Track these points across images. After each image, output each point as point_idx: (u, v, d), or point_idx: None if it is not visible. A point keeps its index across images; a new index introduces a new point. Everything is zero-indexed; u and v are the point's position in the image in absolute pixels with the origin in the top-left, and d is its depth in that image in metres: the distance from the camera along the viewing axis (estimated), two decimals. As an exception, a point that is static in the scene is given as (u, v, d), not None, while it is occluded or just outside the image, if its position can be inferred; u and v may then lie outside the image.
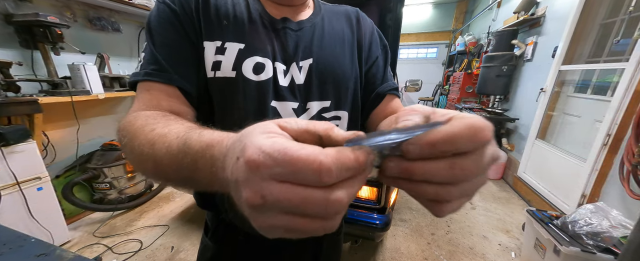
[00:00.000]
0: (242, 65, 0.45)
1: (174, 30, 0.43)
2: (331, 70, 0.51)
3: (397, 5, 1.38)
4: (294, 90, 0.49)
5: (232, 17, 0.46)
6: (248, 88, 0.45)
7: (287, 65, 0.49)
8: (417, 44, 6.31)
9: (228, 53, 0.44)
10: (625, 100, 1.68)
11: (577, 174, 2.01)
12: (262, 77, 0.46)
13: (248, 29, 0.46)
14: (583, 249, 1.23)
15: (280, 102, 0.48)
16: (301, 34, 0.50)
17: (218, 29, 0.45)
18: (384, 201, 1.30)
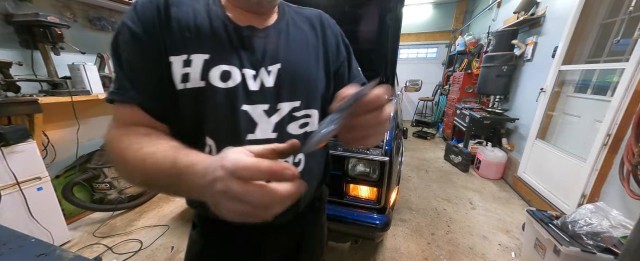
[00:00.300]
0: (209, 75, 0.47)
1: (134, 50, 0.45)
2: (299, 73, 0.55)
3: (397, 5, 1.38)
4: (265, 93, 0.51)
5: (194, 29, 0.47)
6: (218, 96, 0.48)
7: (256, 70, 0.51)
8: (417, 44, 6.31)
9: (194, 64, 0.46)
10: (625, 100, 1.68)
11: (577, 174, 2.01)
12: (229, 84, 0.48)
13: (211, 39, 0.48)
14: (583, 249, 1.23)
15: (251, 105, 0.50)
16: (268, 40, 0.53)
17: (181, 42, 0.46)
18: (384, 201, 1.30)
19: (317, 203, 0.71)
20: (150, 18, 0.45)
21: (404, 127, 2.16)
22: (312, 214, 0.70)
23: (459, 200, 2.58)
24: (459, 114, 3.90)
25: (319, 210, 0.74)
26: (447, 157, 3.68)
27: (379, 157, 1.24)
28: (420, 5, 5.86)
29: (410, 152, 4.16)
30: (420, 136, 5.12)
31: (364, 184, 1.32)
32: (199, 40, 0.47)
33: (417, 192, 2.72)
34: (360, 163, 1.30)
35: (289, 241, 0.67)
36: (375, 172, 1.27)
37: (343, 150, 1.29)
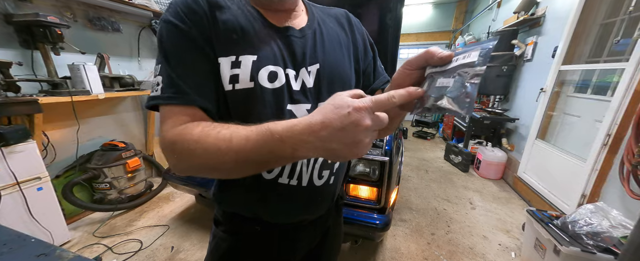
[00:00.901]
0: (258, 76, 0.48)
1: (189, 50, 0.45)
2: (336, 73, 0.56)
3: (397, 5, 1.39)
4: (306, 92, 0.53)
5: (240, 31, 0.48)
6: (266, 96, 0.49)
7: (296, 71, 0.52)
8: (417, 44, 6.31)
9: (243, 66, 0.47)
10: (625, 100, 1.68)
11: (577, 174, 2.01)
12: (276, 84, 0.50)
13: (257, 41, 0.49)
14: (583, 249, 1.23)
15: (295, 105, 0.52)
16: (305, 41, 0.54)
17: (230, 43, 0.47)
18: (384, 201, 1.30)
19: (340, 201, 0.74)
20: (200, 19, 0.45)
21: (404, 127, 2.16)
22: (336, 211, 0.73)
23: (459, 200, 2.58)
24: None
25: (340, 208, 0.76)
26: (447, 157, 3.69)
27: (379, 157, 1.24)
28: (420, 5, 5.86)
29: (410, 152, 4.16)
30: (420, 136, 5.12)
31: (364, 184, 1.32)
32: (245, 42, 0.48)
33: (417, 192, 2.72)
34: (360, 163, 1.30)
35: (317, 236, 0.68)
36: (375, 172, 1.27)
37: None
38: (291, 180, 0.55)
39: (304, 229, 0.64)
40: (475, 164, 3.28)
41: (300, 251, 0.65)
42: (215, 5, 0.47)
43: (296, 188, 0.56)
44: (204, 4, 0.46)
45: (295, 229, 0.62)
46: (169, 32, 0.44)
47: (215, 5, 0.47)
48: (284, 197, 0.56)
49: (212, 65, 0.46)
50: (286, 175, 0.54)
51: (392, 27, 1.51)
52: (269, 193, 0.56)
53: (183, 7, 0.45)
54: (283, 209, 0.59)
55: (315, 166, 0.56)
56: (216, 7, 0.47)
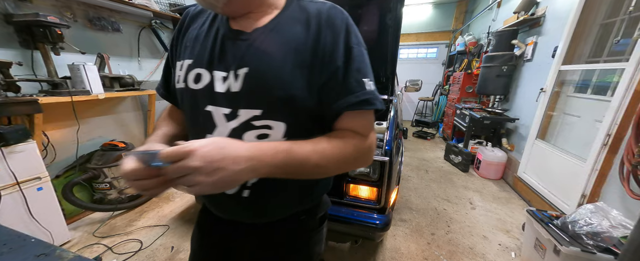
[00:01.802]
0: (187, 77, 0.54)
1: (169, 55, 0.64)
2: (265, 79, 0.49)
3: (397, 5, 1.39)
4: (228, 97, 0.50)
5: (193, 39, 0.56)
6: (190, 96, 0.54)
7: (227, 73, 0.51)
8: (417, 44, 6.31)
9: (183, 68, 0.55)
10: (625, 100, 1.68)
11: (577, 174, 2.00)
12: (199, 85, 0.53)
13: (200, 46, 0.54)
14: (583, 249, 1.23)
15: (215, 106, 0.52)
16: (247, 43, 0.51)
17: (184, 50, 0.56)
18: (384, 201, 1.30)
19: (302, 216, 0.66)
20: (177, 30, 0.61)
21: (404, 127, 2.16)
22: (294, 226, 0.66)
23: (459, 200, 2.58)
24: (459, 114, 3.90)
25: (304, 223, 0.67)
26: (447, 157, 3.68)
27: (379, 157, 1.24)
28: (420, 5, 5.86)
29: (410, 152, 4.16)
30: (420, 136, 5.12)
31: (364, 184, 1.32)
32: (192, 48, 0.55)
33: (417, 192, 2.72)
34: (360, 163, 1.30)
35: (263, 245, 0.66)
36: (375, 172, 1.27)
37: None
38: None
39: (242, 229, 0.66)
40: (475, 164, 3.28)
41: (246, 253, 0.68)
42: (194, 17, 0.60)
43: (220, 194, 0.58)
44: (186, 16, 0.61)
45: (233, 225, 0.66)
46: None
47: (193, 17, 0.60)
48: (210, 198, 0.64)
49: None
50: None
51: (392, 27, 1.51)
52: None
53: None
54: (208, 200, 0.67)
55: None
56: (194, 17, 0.60)
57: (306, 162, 0.46)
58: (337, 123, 0.54)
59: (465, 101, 4.25)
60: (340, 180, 1.34)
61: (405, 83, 3.17)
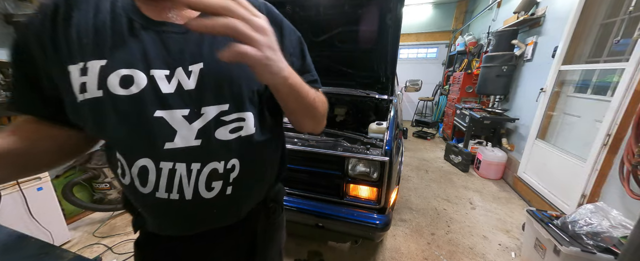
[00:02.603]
0: (107, 82, 0.42)
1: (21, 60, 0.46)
2: (227, 73, 0.48)
3: (397, 5, 1.38)
4: (183, 96, 0.45)
5: (93, 34, 0.42)
6: (120, 104, 0.42)
7: (171, 70, 0.45)
8: (417, 44, 6.31)
9: (90, 72, 0.41)
10: (625, 100, 1.68)
11: (577, 174, 2.01)
12: (132, 89, 0.43)
13: (110, 42, 0.43)
14: (583, 249, 1.23)
15: (166, 110, 0.44)
16: (188, 37, 0.46)
17: (79, 49, 0.42)
18: (384, 201, 1.30)
19: (270, 203, 0.67)
20: (45, 20, 0.42)
21: (404, 127, 2.16)
22: (263, 215, 0.66)
23: (459, 200, 2.58)
24: (459, 114, 3.90)
25: (273, 210, 0.69)
26: (447, 157, 3.68)
27: (379, 157, 1.24)
28: (420, 5, 5.86)
29: (410, 152, 4.16)
30: (420, 136, 5.12)
31: (364, 184, 1.32)
32: (95, 45, 0.42)
33: (417, 192, 2.72)
34: (360, 163, 1.30)
35: (242, 244, 0.63)
36: (375, 172, 1.27)
37: (343, 150, 1.29)
38: (171, 194, 0.48)
39: (215, 239, 0.58)
40: (475, 164, 3.28)
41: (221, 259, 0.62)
42: (75, 5, 0.43)
43: (178, 202, 0.48)
44: (59, 5, 0.43)
45: (202, 238, 0.57)
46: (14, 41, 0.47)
47: (74, 5, 0.43)
48: (167, 211, 0.51)
49: (48, 77, 0.45)
50: (163, 190, 0.47)
51: (392, 27, 1.51)
52: (148, 208, 0.52)
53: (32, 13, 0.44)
54: (168, 223, 0.54)
55: (199, 178, 0.48)
56: (75, 6, 0.43)
57: (309, 93, 0.51)
58: None
59: (465, 101, 4.25)
60: (340, 180, 1.34)
61: (405, 83, 3.17)
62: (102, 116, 0.43)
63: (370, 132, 1.56)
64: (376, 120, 1.73)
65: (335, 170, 1.33)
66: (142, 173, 0.45)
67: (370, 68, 2.04)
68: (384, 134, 1.39)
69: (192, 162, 0.47)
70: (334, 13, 1.63)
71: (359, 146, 1.34)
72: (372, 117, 2.18)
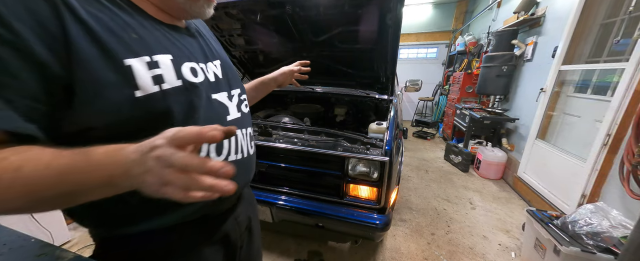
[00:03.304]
0: (182, 73, 0.48)
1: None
2: (231, 68, 0.66)
3: (397, 5, 1.38)
4: (220, 82, 0.59)
5: (136, 28, 0.43)
6: (196, 91, 0.50)
7: (205, 64, 0.56)
8: (417, 44, 6.30)
9: (163, 65, 0.45)
10: (625, 100, 1.68)
11: (577, 174, 2.00)
12: (199, 78, 0.52)
13: (160, 39, 0.47)
14: (583, 249, 1.23)
15: (218, 93, 0.57)
16: (197, 39, 0.58)
17: (136, 43, 0.42)
18: (384, 201, 1.30)
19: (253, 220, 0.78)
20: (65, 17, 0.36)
21: (404, 127, 2.16)
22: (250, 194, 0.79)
23: (459, 200, 2.58)
24: (459, 114, 3.90)
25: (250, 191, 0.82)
26: (447, 157, 3.68)
27: (379, 157, 1.24)
28: (420, 5, 5.86)
29: (410, 152, 4.16)
30: (420, 136, 5.12)
31: (364, 184, 1.32)
32: (145, 41, 0.44)
33: (417, 192, 2.72)
34: (360, 163, 1.30)
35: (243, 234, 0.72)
36: (375, 172, 1.27)
37: (343, 150, 1.29)
38: (236, 155, 0.59)
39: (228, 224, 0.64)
40: (475, 164, 3.28)
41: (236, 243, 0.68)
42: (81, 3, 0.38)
43: (241, 160, 0.61)
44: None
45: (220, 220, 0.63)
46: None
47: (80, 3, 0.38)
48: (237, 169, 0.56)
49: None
50: (233, 153, 0.58)
51: (392, 27, 1.51)
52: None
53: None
54: (238, 178, 0.59)
55: (246, 140, 0.63)
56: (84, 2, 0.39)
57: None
58: None
59: (465, 101, 4.25)
60: (340, 180, 1.34)
61: (405, 83, 3.17)
62: (185, 101, 0.48)
63: (370, 132, 1.56)
64: (376, 120, 1.73)
65: (335, 170, 1.33)
66: (219, 143, 0.55)
67: (370, 68, 2.04)
68: (384, 134, 1.39)
69: (241, 128, 0.62)
70: (334, 13, 1.63)
71: (359, 146, 1.34)
72: (372, 117, 2.18)
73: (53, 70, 0.35)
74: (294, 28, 1.78)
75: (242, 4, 1.59)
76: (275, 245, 1.82)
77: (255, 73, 2.40)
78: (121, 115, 0.40)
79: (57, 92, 0.36)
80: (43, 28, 0.34)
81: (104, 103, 0.38)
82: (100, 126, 0.40)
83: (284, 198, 1.39)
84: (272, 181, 1.45)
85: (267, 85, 0.97)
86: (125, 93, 0.40)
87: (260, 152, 1.39)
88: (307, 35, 1.85)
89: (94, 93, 0.37)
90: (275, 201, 1.37)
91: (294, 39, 1.90)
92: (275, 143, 1.36)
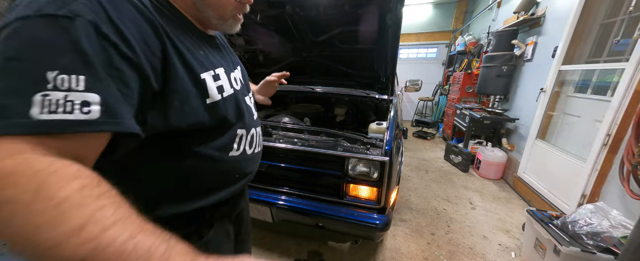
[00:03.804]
0: (232, 82, 0.60)
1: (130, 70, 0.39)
2: (244, 69, 0.75)
3: (397, 5, 1.38)
4: (242, 88, 0.67)
5: (197, 46, 0.52)
6: (239, 96, 0.61)
7: (234, 71, 0.66)
8: (417, 44, 6.30)
9: (222, 77, 0.56)
10: (625, 100, 1.68)
11: (577, 174, 2.01)
12: (238, 85, 0.64)
13: (212, 52, 0.57)
14: (583, 249, 1.23)
15: (245, 97, 0.67)
16: (224, 47, 0.67)
17: (200, 60, 0.51)
18: (384, 201, 1.30)
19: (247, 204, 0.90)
20: (159, 38, 0.43)
21: (404, 127, 2.16)
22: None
23: (459, 200, 2.58)
24: (459, 114, 3.90)
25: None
26: (447, 157, 3.69)
27: (379, 157, 1.24)
28: (420, 5, 5.86)
29: (410, 152, 4.16)
30: (420, 136, 5.12)
31: (364, 184, 1.32)
32: (205, 56, 0.53)
33: (417, 192, 2.72)
34: (360, 163, 1.30)
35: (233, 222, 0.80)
36: (375, 172, 1.27)
37: (343, 150, 1.29)
38: (257, 148, 0.71)
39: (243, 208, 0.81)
40: (475, 164, 3.28)
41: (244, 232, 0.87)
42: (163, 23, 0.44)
43: (259, 153, 0.73)
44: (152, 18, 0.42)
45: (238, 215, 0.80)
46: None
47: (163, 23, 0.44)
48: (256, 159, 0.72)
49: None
50: (256, 146, 0.70)
51: (392, 27, 1.51)
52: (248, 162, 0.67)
53: (124, 18, 0.38)
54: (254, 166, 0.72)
55: (261, 136, 0.74)
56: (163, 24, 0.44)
57: None
58: None
59: (465, 101, 4.25)
60: (340, 180, 1.34)
61: (405, 83, 3.17)
62: (239, 106, 0.60)
63: (370, 132, 1.56)
64: (376, 120, 1.73)
65: (335, 170, 1.33)
66: (252, 137, 0.67)
67: (370, 68, 2.04)
68: (384, 134, 1.39)
69: (258, 126, 0.72)
70: (334, 13, 1.63)
71: (359, 146, 1.34)
72: (372, 117, 2.18)
73: (151, 84, 0.40)
74: (294, 28, 1.78)
75: (242, 4, 1.59)
76: (275, 245, 1.82)
77: (256, 74, 2.40)
78: (198, 117, 0.49)
79: (147, 101, 0.41)
80: (149, 48, 0.40)
81: (189, 108, 0.47)
82: (184, 126, 0.47)
83: (284, 198, 1.39)
84: (272, 181, 1.45)
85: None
86: (201, 101, 0.49)
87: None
88: (307, 35, 1.85)
89: (182, 100, 0.46)
90: (275, 201, 1.37)
91: (294, 39, 1.90)
92: (275, 143, 1.36)
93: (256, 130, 0.70)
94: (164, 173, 0.51)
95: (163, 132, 0.46)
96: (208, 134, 0.54)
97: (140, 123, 0.40)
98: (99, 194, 0.31)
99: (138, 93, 0.39)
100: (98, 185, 0.32)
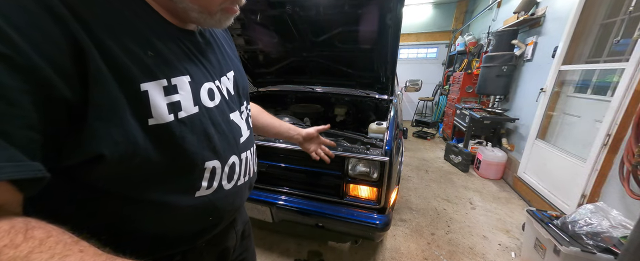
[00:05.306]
0: (200, 97, 0.42)
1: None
2: (242, 78, 0.59)
3: (397, 5, 1.38)
4: (233, 98, 0.53)
5: (151, 47, 0.36)
6: (212, 116, 0.45)
7: (219, 79, 0.50)
8: (417, 44, 6.30)
9: (183, 89, 0.39)
10: (625, 100, 1.68)
11: (577, 174, 2.00)
12: (216, 100, 0.46)
13: (174, 55, 0.40)
14: (583, 249, 1.23)
15: (233, 112, 0.52)
16: (212, 47, 0.50)
17: (154, 63, 0.36)
18: (384, 201, 1.30)
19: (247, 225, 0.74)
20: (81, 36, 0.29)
21: (404, 127, 2.16)
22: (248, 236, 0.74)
23: (459, 200, 2.58)
24: (459, 114, 3.90)
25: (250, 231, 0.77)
26: (447, 157, 3.68)
27: (379, 157, 1.24)
28: (420, 5, 5.86)
29: (410, 152, 4.16)
30: (420, 136, 5.12)
31: (364, 184, 1.32)
32: (164, 60, 0.38)
33: (417, 192, 2.72)
34: (360, 163, 1.30)
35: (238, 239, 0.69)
36: (375, 172, 1.27)
37: (343, 150, 1.29)
38: (244, 178, 0.56)
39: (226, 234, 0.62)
40: (475, 164, 3.28)
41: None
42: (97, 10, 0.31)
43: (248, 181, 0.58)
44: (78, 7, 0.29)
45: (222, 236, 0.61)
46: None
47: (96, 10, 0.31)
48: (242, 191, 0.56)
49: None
50: (242, 176, 0.54)
51: (392, 27, 1.51)
52: (230, 197, 0.51)
53: (22, 21, 0.26)
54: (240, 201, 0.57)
55: (254, 158, 0.60)
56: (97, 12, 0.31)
57: None
58: None
59: (465, 101, 4.25)
60: (340, 180, 1.34)
61: (405, 83, 3.17)
62: (206, 131, 0.42)
63: (370, 132, 1.56)
64: (376, 120, 1.73)
65: (335, 170, 1.33)
66: (231, 169, 0.50)
67: (370, 68, 2.04)
68: (384, 134, 1.39)
69: (250, 147, 0.57)
70: (334, 13, 1.62)
71: (359, 146, 1.34)
72: (372, 117, 2.18)
73: (59, 91, 0.28)
74: (294, 28, 1.78)
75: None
76: (275, 245, 1.82)
77: (255, 74, 2.40)
78: (133, 146, 0.34)
79: (60, 119, 0.29)
80: (45, 38, 0.27)
81: (118, 131, 0.32)
82: (109, 155, 0.32)
83: (284, 198, 1.39)
84: (272, 181, 1.45)
85: (277, 134, 0.88)
86: (138, 122, 0.34)
87: (260, 152, 1.38)
88: (307, 35, 1.85)
89: (107, 119, 0.31)
90: (275, 201, 1.37)
91: (294, 39, 1.90)
92: (275, 143, 1.36)
93: (242, 156, 0.52)
94: (99, 218, 0.38)
95: (81, 166, 0.32)
96: (154, 172, 0.38)
97: (54, 151, 0.29)
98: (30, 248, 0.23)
99: (36, 108, 0.26)
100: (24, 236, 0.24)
